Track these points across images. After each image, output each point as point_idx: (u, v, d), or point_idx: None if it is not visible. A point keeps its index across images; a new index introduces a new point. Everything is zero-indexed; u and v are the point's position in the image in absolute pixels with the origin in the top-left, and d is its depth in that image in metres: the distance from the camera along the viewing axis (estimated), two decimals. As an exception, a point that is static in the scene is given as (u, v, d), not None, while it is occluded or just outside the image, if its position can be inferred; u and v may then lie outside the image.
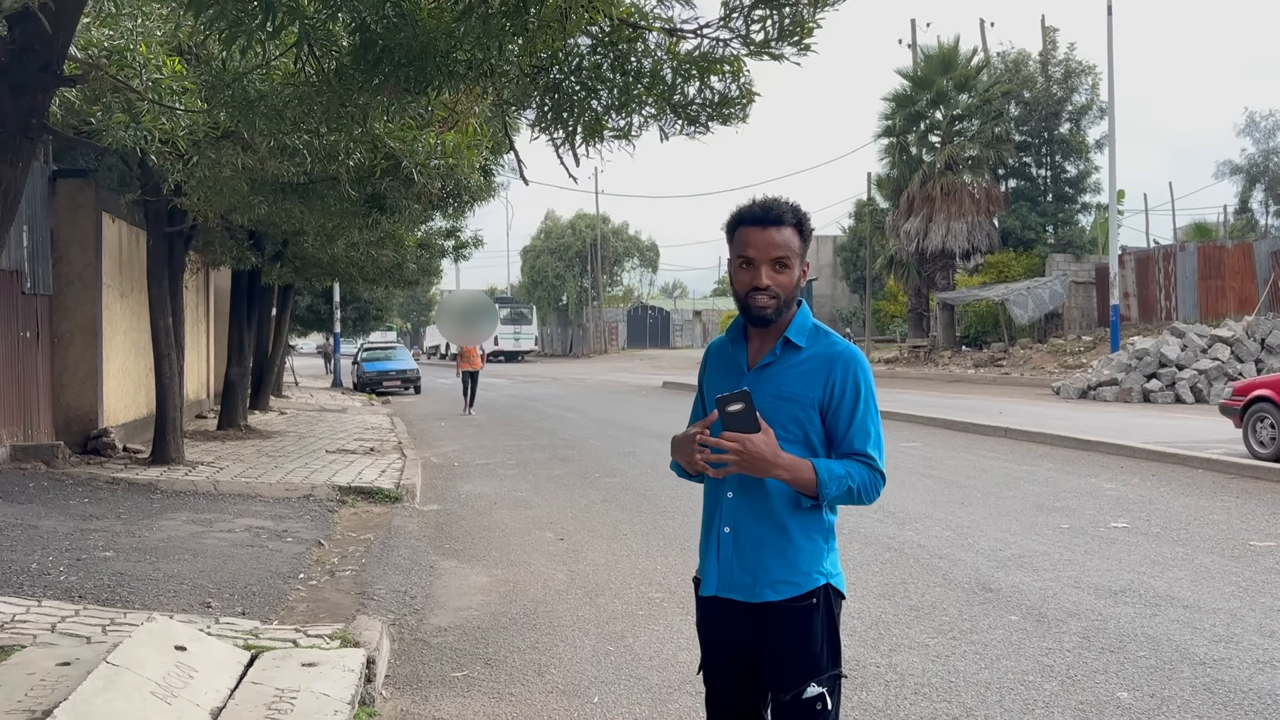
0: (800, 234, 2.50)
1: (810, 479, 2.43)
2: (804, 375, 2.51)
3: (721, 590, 2.54)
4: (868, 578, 6.48)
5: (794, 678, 2.47)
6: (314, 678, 4.27)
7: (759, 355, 2.57)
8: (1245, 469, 10.39)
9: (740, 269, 2.51)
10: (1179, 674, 4.65)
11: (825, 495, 2.44)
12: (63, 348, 11.66)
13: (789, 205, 2.51)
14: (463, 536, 8.25)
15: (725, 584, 2.54)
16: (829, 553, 2.55)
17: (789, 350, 2.54)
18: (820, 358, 2.51)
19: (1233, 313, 24.27)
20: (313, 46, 3.88)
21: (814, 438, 2.51)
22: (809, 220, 2.52)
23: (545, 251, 65.34)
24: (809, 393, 2.50)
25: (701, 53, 3.96)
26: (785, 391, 2.50)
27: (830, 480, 2.44)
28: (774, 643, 2.50)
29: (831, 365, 2.50)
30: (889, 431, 12.42)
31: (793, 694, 2.46)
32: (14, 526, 7.49)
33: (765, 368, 2.54)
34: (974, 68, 32.76)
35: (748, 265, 2.49)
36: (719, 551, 2.55)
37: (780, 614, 2.49)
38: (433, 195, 8.82)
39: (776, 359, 2.54)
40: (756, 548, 2.51)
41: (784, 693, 2.48)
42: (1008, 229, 33.21)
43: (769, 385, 2.51)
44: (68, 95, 6.22)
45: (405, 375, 30.65)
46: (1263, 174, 37.31)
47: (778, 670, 2.50)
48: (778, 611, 2.49)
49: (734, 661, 2.58)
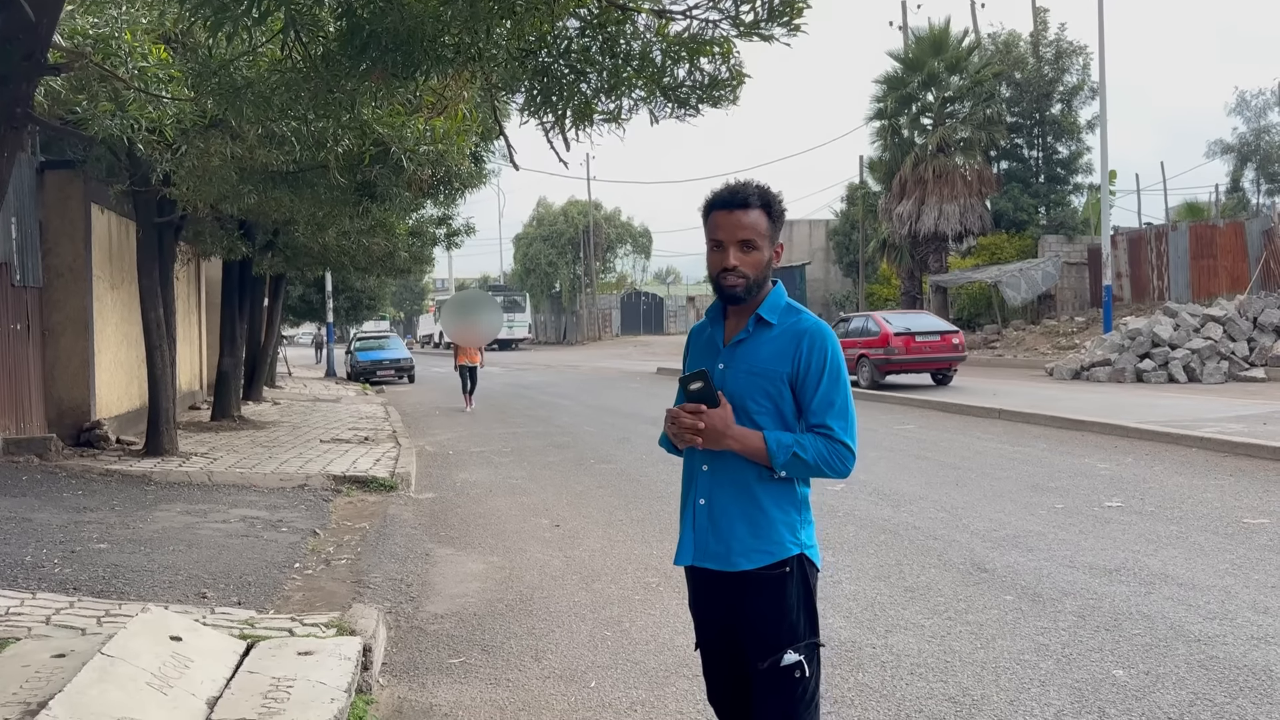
0: (769, 216, 2.58)
1: (760, 449, 2.53)
2: (774, 350, 2.59)
3: (697, 560, 2.65)
4: (863, 559, 6.49)
5: (770, 645, 2.56)
6: (310, 666, 4.26)
7: (734, 333, 2.66)
8: (1239, 447, 10.42)
9: (712, 251, 2.61)
10: (1174, 651, 4.67)
11: (775, 464, 2.54)
12: (54, 340, 11.61)
13: (756, 188, 2.59)
14: (458, 524, 8.25)
15: (701, 553, 2.64)
16: (803, 525, 2.64)
17: (761, 327, 2.62)
18: (789, 333, 2.59)
19: (1225, 292, 24.30)
20: (299, 32, 3.85)
21: (785, 410, 2.59)
22: (778, 202, 2.60)
23: (538, 239, 65.19)
24: (778, 367, 2.58)
25: (691, 34, 3.94)
26: (757, 367, 2.59)
27: (778, 450, 2.53)
28: (750, 611, 2.59)
29: (799, 340, 2.58)
30: (883, 414, 12.32)
31: (770, 661, 2.55)
32: (7, 520, 7.47)
33: (739, 344, 2.63)
34: (965, 49, 32.66)
35: (718, 247, 2.59)
36: (694, 522, 2.66)
37: (755, 582, 2.58)
38: (423, 182, 8.76)
39: (749, 335, 2.62)
40: (729, 518, 2.60)
41: (762, 660, 2.57)
42: (1000, 211, 33.19)
43: (742, 361, 2.61)
44: (53, 84, 6.16)
45: (399, 364, 30.60)
46: (1254, 153, 37.33)
47: (755, 638, 2.59)
48: (752, 580, 2.58)
49: (723, 634, 2.67)
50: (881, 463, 10.52)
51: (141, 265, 11.27)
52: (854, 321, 21.32)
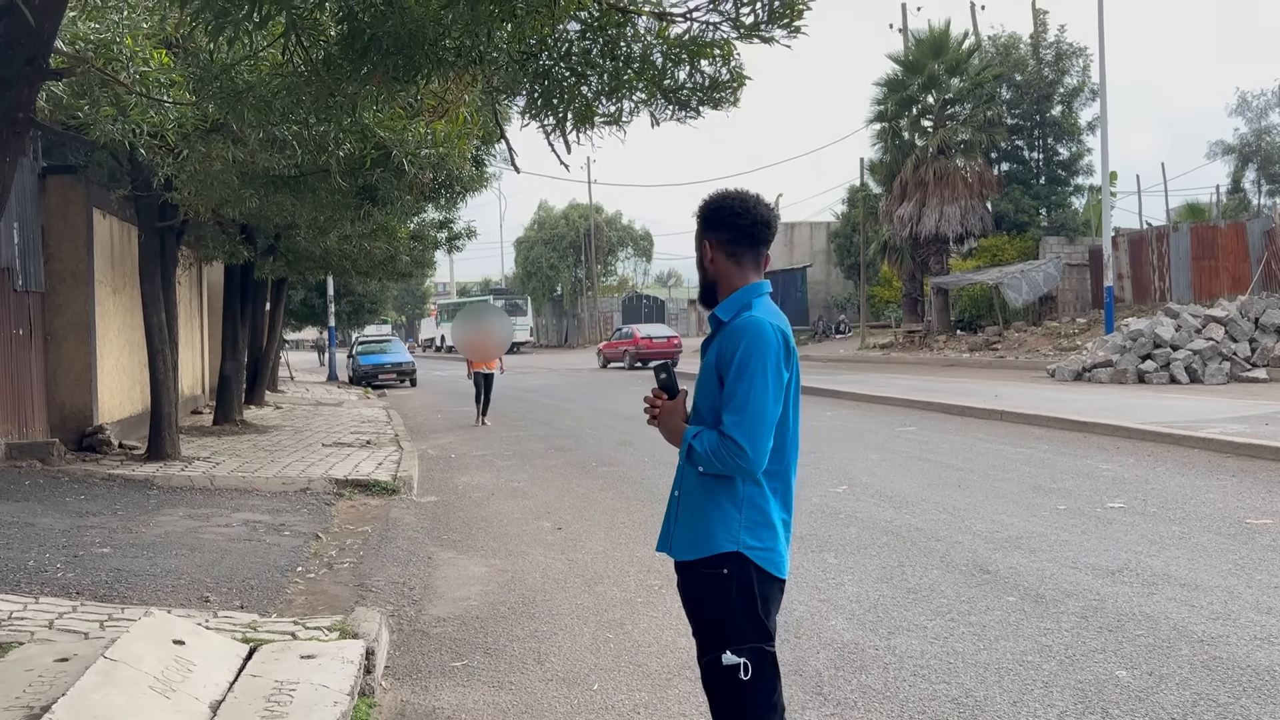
0: (701, 222, 2.78)
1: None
2: (717, 347, 2.70)
3: (660, 546, 2.83)
4: (865, 561, 6.48)
5: (708, 642, 2.63)
6: (313, 669, 4.26)
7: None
8: (1241, 448, 10.41)
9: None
10: (1177, 652, 4.66)
11: (684, 457, 2.69)
12: (56, 345, 11.62)
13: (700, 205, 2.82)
14: (460, 527, 8.25)
15: (663, 541, 2.82)
16: (744, 524, 2.62)
17: (716, 325, 2.77)
18: (729, 330, 2.68)
19: (1226, 292, 24.27)
20: (300, 36, 3.86)
21: (720, 404, 2.66)
22: (705, 207, 2.78)
23: (539, 242, 65.18)
24: (714, 361, 2.69)
25: (691, 37, 3.95)
26: (705, 363, 2.75)
27: (685, 442, 2.65)
28: (690, 604, 2.71)
29: (729, 336, 2.66)
30: (884, 415, 12.33)
31: (709, 658, 2.62)
32: (10, 524, 7.48)
33: (706, 342, 2.81)
34: (965, 51, 32.66)
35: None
36: (669, 510, 2.83)
37: (694, 576, 2.66)
38: (424, 186, 8.79)
39: (711, 335, 2.79)
40: (680, 509, 2.74)
41: (701, 655, 2.65)
42: (1001, 212, 33.19)
43: (704, 357, 2.78)
44: (55, 89, 6.19)
45: (401, 368, 30.62)
46: (1255, 153, 37.35)
47: (696, 632, 2.70)
48: (692, 572, 2.68)
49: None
50: (883, 464, 10.51)
51: (143, 270, 11.29)
52: (624, 330, 36.41)
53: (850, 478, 9.67)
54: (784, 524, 2.68)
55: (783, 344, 2.61)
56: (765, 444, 2.56)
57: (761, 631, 2.62)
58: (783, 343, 2.62)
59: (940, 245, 32.57)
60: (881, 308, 41.85)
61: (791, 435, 2.69)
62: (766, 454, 2.57)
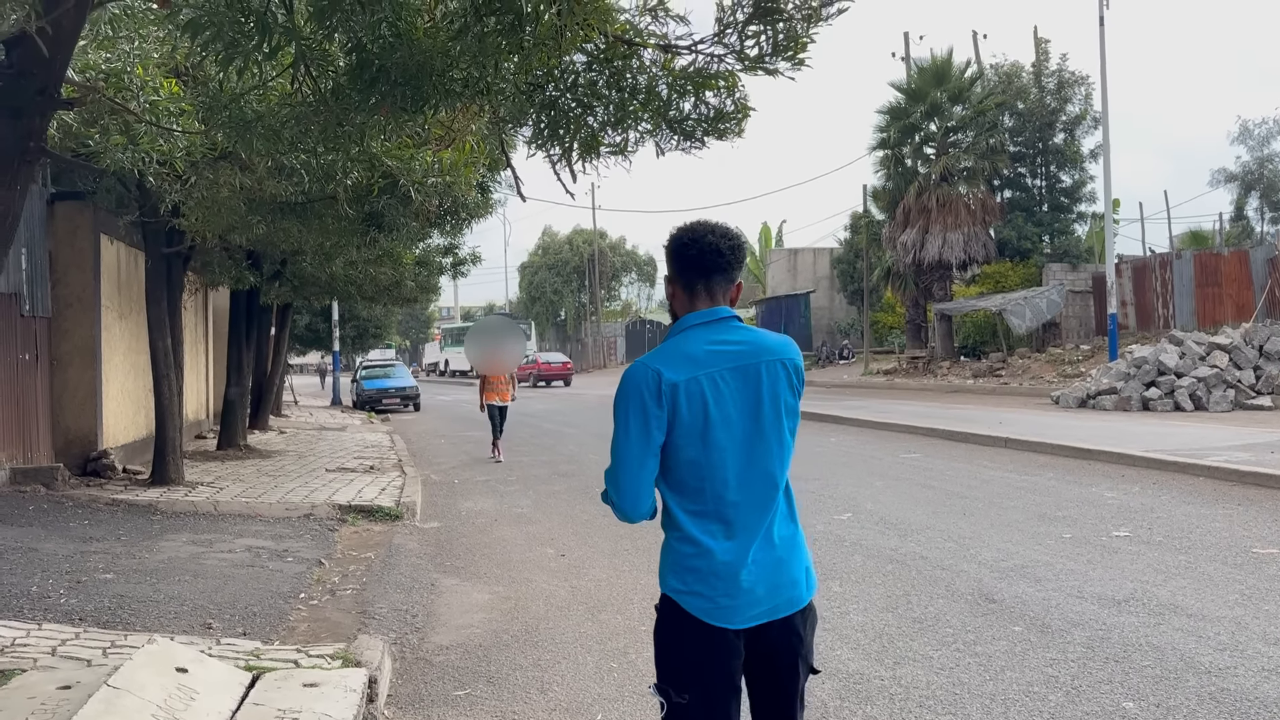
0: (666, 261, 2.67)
1: None
2: None
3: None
4: (870, 590, 6.46)
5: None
6: (316, 698, 4.25)
7: None
8: (1247, 476, 10.38)
9: None
10: (1184, 683, 4.63)
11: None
12: (61, 369, 11.65)
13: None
14: (464, 554, 8.23)
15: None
16: (669, 566, 2.53)
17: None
18: None
19: (1230, 320, 24.28)
20: (309, 67, 3.90)
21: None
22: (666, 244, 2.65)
23: (543, 267, 65.42)
24: None
25: (696, 68, 3.98)
26: None
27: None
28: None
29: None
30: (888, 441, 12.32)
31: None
32: (14, 549, 7.47)
33: None
34: (967, 80, 32.87)
35: None
36: None
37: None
38: (430, 213, 8.83)
39: None
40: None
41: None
42: (1004, 239, 33.28)
43: None
44: (65, 118, 6.24)
45: (405, 393, 30.63)
46: (1258, 181, 37.41)
47: None
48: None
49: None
50: (888, 491, 10.49)
51: (150, 295, 11.34)
52: (530, 357, 44.52)
53: (855, 505, 9.65)
54: (729, 565, 2.44)
55: (652, 381, 2.43)
56: (628, 486, 2.47)
57: (662, 673, 2.50)
58: (653, 379, 2.43)
59: (943, 271, 32.64)
60: (885, 333, 41.87)
61: (712, 471, 2.45)
62: (636, 499, 2.49)
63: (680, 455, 2.46)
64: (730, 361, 2.48)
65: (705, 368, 2.46)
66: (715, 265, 2.55)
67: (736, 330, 2.54)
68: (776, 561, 2.48)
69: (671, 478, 2.49)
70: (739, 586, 2.43)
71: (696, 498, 2.47)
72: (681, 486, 2.48)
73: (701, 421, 2.44)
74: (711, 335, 2.51)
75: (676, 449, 2.46)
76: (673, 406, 2.43)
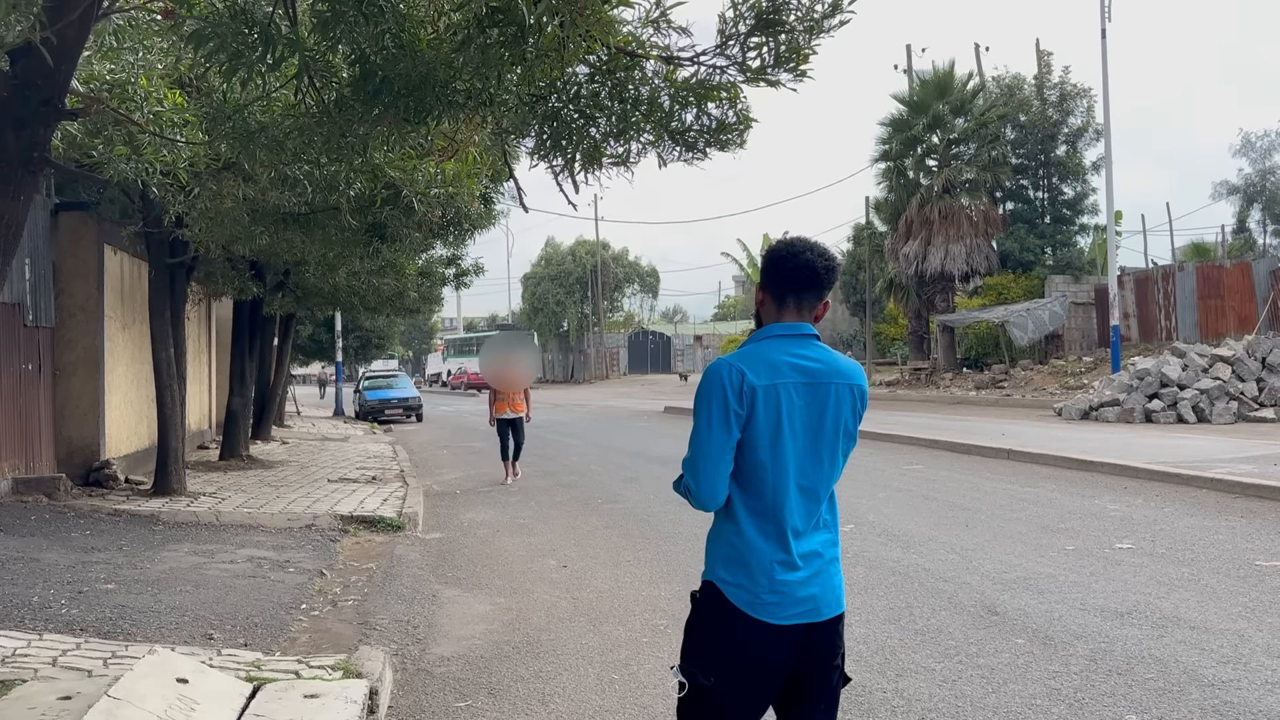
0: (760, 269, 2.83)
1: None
2: None
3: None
4: (873, 601, 6.44)
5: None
6: (316, 709, 4.24)
7: None
8: (1250, 488, 10.36)
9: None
10: (1187, 696, 4.62)
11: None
12: (65, 380, 11.66)
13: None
14: (465, 565, 8.22)
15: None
16: (718, 557, 2.64)
17: None
18: None
19: (1233, 332, 24.27)
20: (313, 78, 3.92)
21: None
22: (764, 253, 2.82)
23: (546, 278, 65.45)
24: None
25: (699, 80, 3.99)
26: None
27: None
28: None
29: None
30: (891, 453, 12.34)
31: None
32: (15, 559, 7.47)
33: None
34: (970, 92, 32.93)
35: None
36: None
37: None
38: (433, 224, 8.84)
39: None
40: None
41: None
42: (1006, 251, 33.28)
43: None
44: (69, 129, 6.26)
45: (407, 403, 30.63)
46: (1259, 194, 37.44)
47: None
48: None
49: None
50: (890, 503, 10.47)
51: (153, 305, 11.36)
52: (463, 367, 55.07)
53: (857, 516, 9.63)
54: (778, 564, 2.56)
55: (735, 380, 2.55)
56: (707, 478, 2.57)
57: (688, 652, 2.62)
58: (737, 378, 2.55)
59: (946, 283, 32.64)
60: (887, 345, 41.87)
61: (776, 475, 2.57)
62: (714, 488, 2.58)
63: (750, 455, 2.57)
64: (805, 377, 2.61)
65: (784, 377, 2.59)
66: (809, 282, 2.68)
67: (815, 348, 2.67)
68: (819, 568, 2.60)
69: (738, 476, 2.59)
70: (783, 585, 2.55)
71: (758, 498, 2.58)
72: (744, 485, 2.59)
73: (774, 427, 2.56)
74: (792, 348, 2.64)
75: (748, 448, 2.57)
76: (751, 407, 2.55)
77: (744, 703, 2.57)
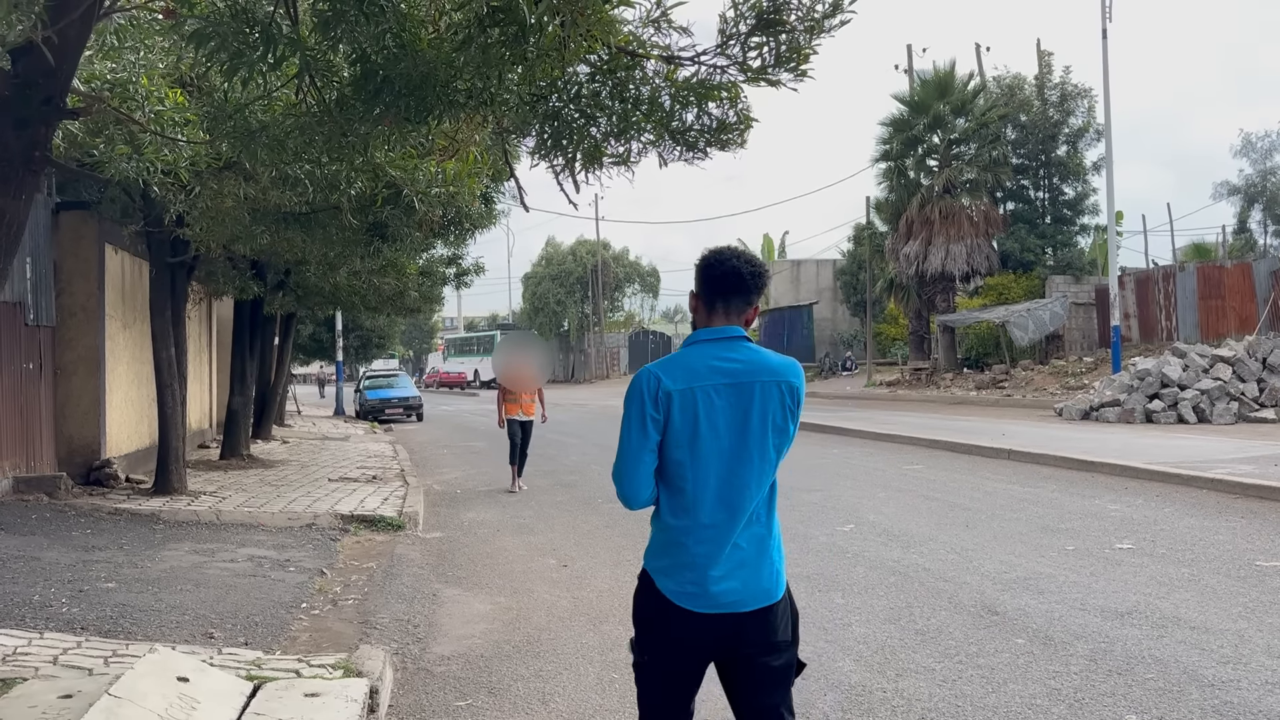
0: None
1: None
2: None
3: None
4: (873, 601, 6.44)
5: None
6: (317, 708, 4.24)
7: None
8: (1250, 489, 10.35)
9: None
10: (1187, 696, 4.62)
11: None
12: (65, 379, 11.67)
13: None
14: (465, 564, 8.23)
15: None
16: (650, 548, 2.89)
17: None
18: None
19: (1233, 332, 24.26)
20: (314, 77, 3.92)
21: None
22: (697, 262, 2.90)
23: (546, 278, 65.47)
24: None
25: (699, 79, 3.99)
26: None
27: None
28: None
29: None
30: (890, 453, 12.34)
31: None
32: (16, 558, 7.47)
33: None
34: (970, 92, 32.93)
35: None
36: None
37: None
38: (434, 223, 8.85)
39: None
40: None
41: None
42: (1007, 251, 33.29)
43: None
44: (70, 128, 6.26)
45: (407, 403, 30.62)
46: (1260, 194, 37.43)
47: None
48: None
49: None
50: (890, 503, 10.47)
51: (154, 305, 11.36)
52: (434, 368, 65.68)
53: (857, 516, 9.63)
54: (700, 558, 2.72)
55: (652, 386, 2.71)
56: (628, 477, 2.77)
57: (643, 642, 2.82)
58: (653, 384, 2.71)
59: (946, 283, 32.64)
60: (888, 345, 41.87)
61: (696, 473, 2.71)
62: (633, 487, 2.78)
63: (670, 455, 2.74)
64: (728, 378, 2.72)
65: (702, 380, 2.71)
66: (736, 288, 2.78)
67: (742, 349, 2.77)
68: (742, 561, 2.73)
69: (662, 475, 2.78)
70: (706, 578, 2.70)
71: (680, 495, 2.75)
72: (669, 483, 2.77)
73: (691, 429, 2.70)
74: (717, 351, 2.75)
75: (667, 448, 2.73)
76: (667, 411, 2.70)
77: (674, 678, 2.78)
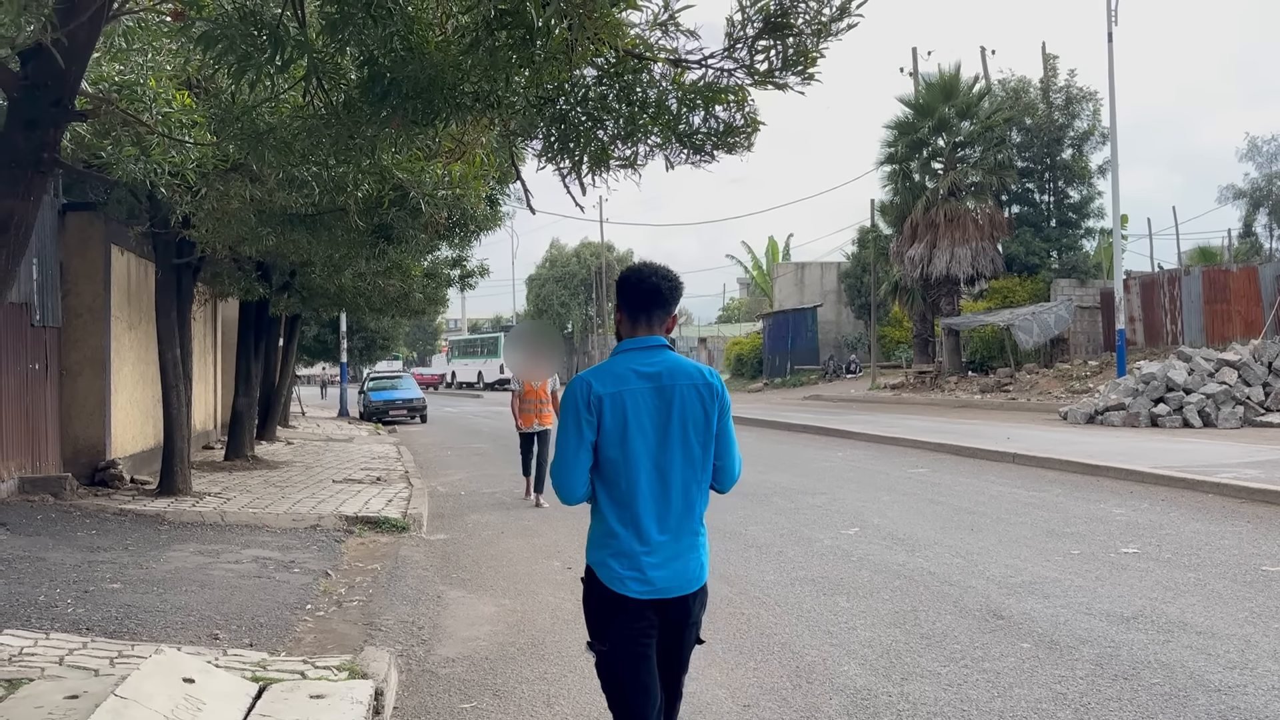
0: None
1: None
2: None
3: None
4: (878, 605, 6.44)
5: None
6: (322, 710, 4.25)
7: None
8: (1256, 493, 10.33)
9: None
10: (1194, 701, 4.61)
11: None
12: (71, 379, 11.69)
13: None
14: (470, 566, 8.23)
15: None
16: (591, 542, 3.16)
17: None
18: None
19: (1239, 336, 24.20)
20: (321, 80, 3.93)
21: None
22: (617, 280, 3.21)
23: (550, 280, 65.53)
24: None
25: (706, 83, 3.99)
26: None
27: None
28: None
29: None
30: (895, 456, 12.37)
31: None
32: (22, 559, 7.49)
33: None
34: (975, 95, 32.90)
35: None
36: None
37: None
38: (439, 225, 8.85)
39: None
40: None
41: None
42: (1011, 254, 33.23)
43: None
44: (78, 129, 6.27)
45: (412, 404, 30.63)
46: (1266, 198, 37.30)
47: None
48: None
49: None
50: (895, 506, 10.46)
51: (160, 306, 11.38)
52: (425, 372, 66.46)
53: (862, 520, 9.62)
54: (634, 548, 3.02)
55: (584, 391, 2.98)
56: (565, 475, 3.03)
57: (598, 632, 3.11)
58: (585, 389, 2.98)
59: (951, 286, 32.60)
60: (892, 348, 41.81)
61: (627, 469, 3.00)
62: (570, 484, 3.05)
63: (603, 454, 3.02)
64: (651, 381, 3.02)
65: (628, 384, 3.01)
66: (655, 301, 3.09)
67: (662, 355, 3.07)
68: (674, 552, 3.04)
69: (599, 472, 3.05)
70: (639, 565, 3.02)
71: (614, 491, 3.04)
72: (604, 480, 3.05)
73: (621, 429, 2.99)
74: (641, 358, 3.05)
75: (600, 448, 3.02)
76: (599, 413, 2.99)
77: (633, 661, 3.05)
